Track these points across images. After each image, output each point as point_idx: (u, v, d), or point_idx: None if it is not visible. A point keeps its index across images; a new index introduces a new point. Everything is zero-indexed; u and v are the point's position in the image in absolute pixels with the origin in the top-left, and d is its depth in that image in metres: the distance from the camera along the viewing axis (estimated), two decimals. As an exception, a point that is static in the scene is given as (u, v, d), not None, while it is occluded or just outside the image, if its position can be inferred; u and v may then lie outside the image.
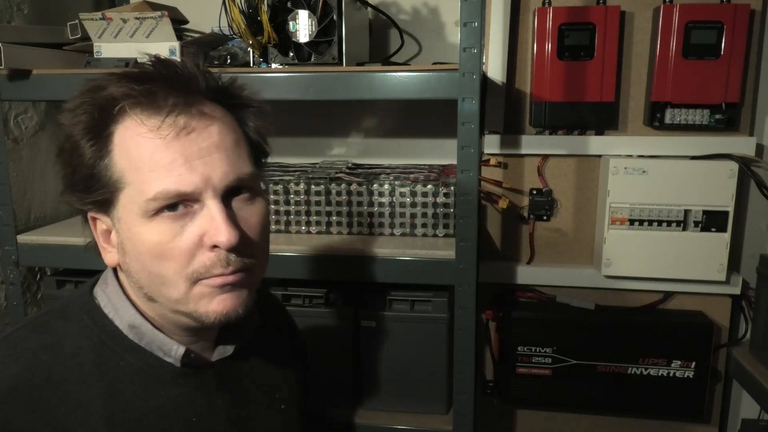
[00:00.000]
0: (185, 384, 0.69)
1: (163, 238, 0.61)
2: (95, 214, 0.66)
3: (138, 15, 1.20)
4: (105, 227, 0.66)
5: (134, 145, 0.61)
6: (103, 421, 0.63)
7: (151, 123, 0.60)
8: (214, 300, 0.63)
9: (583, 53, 1.29)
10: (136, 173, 0.61)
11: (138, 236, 0.62)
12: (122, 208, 0.63)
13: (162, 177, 0.60)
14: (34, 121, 1.43)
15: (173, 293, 0.63)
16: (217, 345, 0.74)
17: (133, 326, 0.67)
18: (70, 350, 0.65)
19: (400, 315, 1.22)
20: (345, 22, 1.15)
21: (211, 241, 0.61)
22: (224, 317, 0.64)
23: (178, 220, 0.61)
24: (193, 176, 0.60)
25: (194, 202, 0.62)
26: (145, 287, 0.65)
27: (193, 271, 0.62)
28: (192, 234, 0.61)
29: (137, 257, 0.63)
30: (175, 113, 0.60)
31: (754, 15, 1.27)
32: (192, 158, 0.60)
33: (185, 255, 0.61)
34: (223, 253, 0.62)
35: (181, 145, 0.60)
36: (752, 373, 1.27)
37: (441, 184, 1.24)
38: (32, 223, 1.41)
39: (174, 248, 0.61)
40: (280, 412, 0.80)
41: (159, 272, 0.62)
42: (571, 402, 1.42)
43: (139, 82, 0.61)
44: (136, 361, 0.66)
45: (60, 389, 0.62)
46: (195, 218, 0.62)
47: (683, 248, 1.30)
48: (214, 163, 0.61)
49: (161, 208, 0.61)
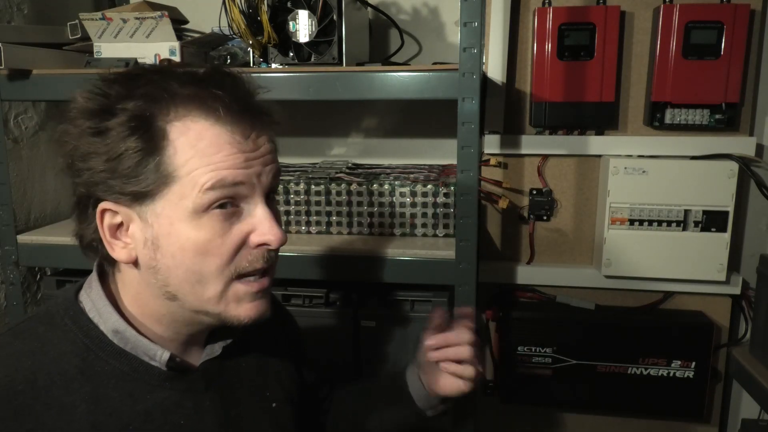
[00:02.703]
0: (172, 387, 0.69)
1: (212, 234, 0.62)
2: (113, 206, 0.63)
3: (138, 15, 1.20)
4: (119, 221, 0.64)
5: (199, 146, 0.61)
6: (88, 427, 0.63)
7: (235, 135, 0.62)
8: (246, 304, 0.66)
9: (583, 53, 1.29)
10: (193, 167, 0.61)
11: (183, 232, 0.62)
12: (166, 203, 0.62)
13: (221, 169, 0.61)
14: (34, 121, 1.43)
15: (208, 291, 0.64)
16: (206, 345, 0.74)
17: (116, 331, 0.66)
18: (53, 355, 0.64)
19: (400, 315, 1.22)
20: (345, 22, 1.15)
21: (261, 239, 0.64)
22: (253, 321, 0.67)
23: (228, 219, 0.63)
24: (248, 171, 0.63)
25: (241, 200, 0.64)
26: (173, 285, 0.64)
27: (236, 268, 0.64)
28: (240, 232, 0.64)
29: (175, 254, 0.63)
30: (255, 132, 0.64)
31: (754, 15, 1.27)
32: (250, 158, 0.63)
33: (231, 252, 0.64)
34: (266, 250, 0.65)
35: (241, 147, 0.63)
36: (752, 373, 1.27)
37: (441, 184, 1.24)
38: (32, 223, 1.41)
39: (222, 245, 0.63)
40: (270, 410, 0.79)
41: (199, 269, 0.63)
42: (571, 402, 1.42)
43: (215, 89, 0.62)
44: (121, 366, 0.66)
45: (44, 395, 0.62)
46: (242, 217, 0.64)
47: (683, 248, 1.30)
48: (264, 162, 0.65)
49: (213, 205, 0.62)
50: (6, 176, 1.24)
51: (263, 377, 0.80)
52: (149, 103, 0.61)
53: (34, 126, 1.43)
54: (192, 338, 0.71)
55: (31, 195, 1.42)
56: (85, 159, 0.62)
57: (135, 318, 0.68)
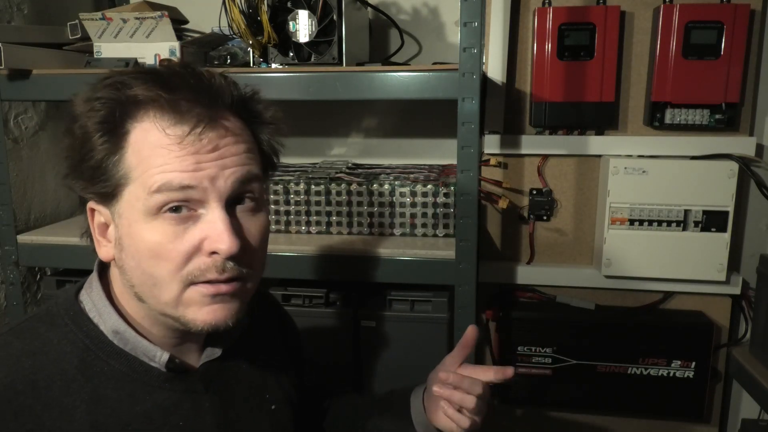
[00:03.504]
0: (171, 388, 0.68)
1: (163, 238, 0.61)
2: (95, 206, 0.65)
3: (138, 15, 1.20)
4: (102, 220, 0.66)
5: (149, 147, 0.61)
6: (87, 427, 0.63)
7: (174, 132, 0.60)
8: (204, 308, 0.63)
9: (583, 53, 1.29)
10: (144, 169, 0.61)
11: (138, 234, 0.62)
12: (125, 204, 0.62)
13: (167, 171, 0.60)
14: (34, 121, 1.43)
15: (164, 295, 0.63)
16: (205, 347, 0.74)
17: (116, 332, 0.66)
18: (53, 356, 0.64)
19: (400, 315, 1.22)
20: (345, 22, 1.15)
21: (211, 247, 0.61)
22: (212, 327, 0.64)
23: (181, 223, 0.61)
24: (199, 174, 0.61)
25: (198, 206, 0.62)
26: (137, 286, 0.64)
27: (188, 273, 0.62)
28: (192, 237, 0.61)
29: (133, 255, 0.63)
30: (200, 129, 0.61)
31: (754, 15, 1.27)
32: (202, 160, 0.61)
33: (182, 257, 0.61)
34: (220, 259, 0.62)
35: (195, 148, 0.61)
36: (752, 373, 1.27)
37: (441, 184, 1.24)
38: (32, 223, 1.41)
39: (172, 250, 0.61)
40: (269, 412, 0.79)
41: (153, 272, 0.62)
42: (572, 402, 1.42)
43: (167, 90, 0.61)
44: (120, 367, 0.66)
45: (44, 395, 0.62)
46: (197, 222, 0.62)
47: (683, 248, 1.30)
48: (223, 165, 0.62)
49: (164, 207, 0.60)
50: (6, 176, 1.24)
51: (262, 379, 0.80)
52: (112, 103, 0.61)
53: (34, 126, 1.43)
54: (186, 339, 0.71)
55: (31, 195, 1.42)
56: (72, 159, 0.64)
57: (133, 318, 0.68)
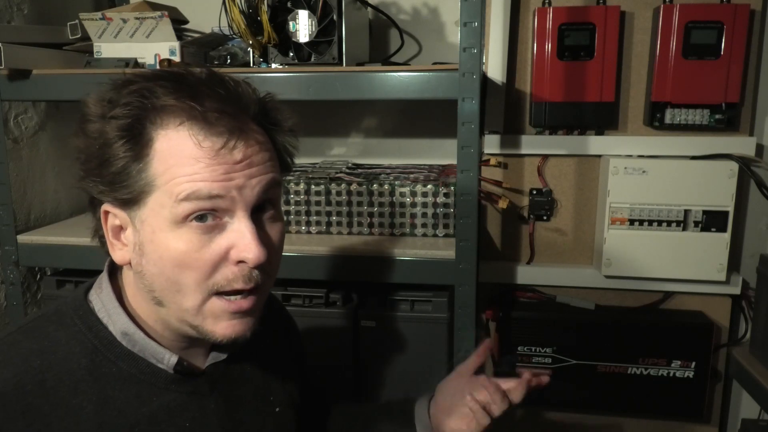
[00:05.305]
0: (178, 390, 0.69)
1: (189, 247, 0.61)
2: (112, 209, 0.64)
3: (138, 15, 1.20)
4: (117, 223, 0.65)
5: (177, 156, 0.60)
6: (95, 428, 0.63)
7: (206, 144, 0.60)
8: (223, 323, 0.64)
9: (583, 53, 1.29)
10: (170, 177, 0.60)
11: (162, 242, 0.61)
12: (148, 211, 0.62)
13: (196, 180, 0.60)
14: (34, 121, 1.43)
15: (186, 303, 0.63)
16: (212, 350, 0.74)
17: (125, 333, 0.66)
18: (62, 355, 0.64)
19: (400, 315, 1.22)
20: (345, 22, 1.15)
21: (239, 256, 0.62)
22: (231, 341, 0.65)
23: (207, 232, 0.61)
24: (228, 184, 0.61)
25: (224, 214, 0.62)
26: (157, 291, 0.64)
27: (214, 284, 0.62)
28: (219, 247, 0.62)
29: (156, 261, 0.62)
30: (233, 142, 0.61)
31: (754, 15, 1.27)
32: (231, 170, 0.61)
33: (209, 267, 0.62)
34: (247, 268, 0.62)
35: (225, 159, 0.61)
36: (752, 373, 1.27)
37: (441, 184, 1.24)
38: (32, 223, 1.41)
39: (199, 259, 0.61)
40: (273, 415, 0.80)
41: (177, 280, 0.62)
42: (571, 402, 1.42)
43: (196, 100, 0.61)
44: (128, 368, 0.66)
45: (52, 395, 0.62)
46: (223, 231, 0.62)
47: (683, 248, 1.30)
48: (250, 174, 0.62)
49: (191, 216, 0.60)
50: (6, 176, 1.24)
51: (267, 381, 0.81)
52: (137, 110, 0.61)
53: (34, 126, 1.43)
54: (195, 342, 0.71)
55: (31, 195, 1.42)
56: (88, 162, 0.63)
57: (143, 321, 0.68)
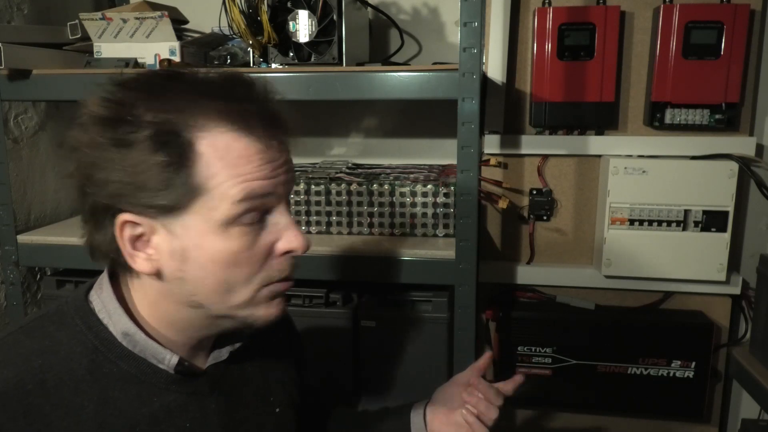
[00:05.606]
0: (178, 390, 0.69)
1: (241, 246, 0.63)
2: (135, 218, 0.61)
3: (138, 15, 1.20)
4: (140, 232, 0.62)
5: (225, 158, 0.61)
6: (95, 428, 0.63)
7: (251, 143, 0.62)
8: (272, 305, 0.68)
9: (583, 53, 1.29)
10: (223, 179, 0.60)
11: (211, 244, 0.62)
12: (195, 215, 0.61)
13: (249, 180, 0.62)
14: (34, 121, 1.43)
15: (238, 298, 0.65)
16: (213, 350, 0.74)
17: (126, 334, 0.66)
18: (63, 355, 0.64)
19: (400, 315, 1.22)
20: (345, 22, 1.15)
21: (287, 247, 0.66)
22: (270, 322, 0.68)
23: (253, 229, 0.64)
24: (274, 181, 0.64)
25: (262, 211, 0.65)
26: (201, 295, 0.64)
27: (267, 277, 0.66)
28: (266, 242, 0.65)
29: (205, 265, 0.63)
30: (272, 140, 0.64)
31: (754, 15, 1.27)
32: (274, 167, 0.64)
33: (260, 262, 0.65)
34: (291, 257, 0.67)
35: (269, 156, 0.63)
36: (752, 373, 1.27)
37: (441, 184, 1.24)
38: (32, 223, 1.41)
39: (251, 256, 0.64)
40: (274, 415, 0.80)
41: (228, 279, 0.64)
42: (571, 402, 1.42)
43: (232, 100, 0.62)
44: (129, 368, 0.66)
45: (53, 395, 0.62)
46: (265, 226, 0.65)
47: (683, 248, 1.30)
48: (286, 170, 0.66)
49: (239, 217, 0.62)
50: (6, 176, 1.24)
51: (267, 382, 0.81)
52: (174, 114, 0.59)
53: (34, 126, 1.43)
54: (201, 342, 0.72)
55: (31, 195, 1.42)
56: (106, 171, 0.60)
57: (146, 321, 0.68)
